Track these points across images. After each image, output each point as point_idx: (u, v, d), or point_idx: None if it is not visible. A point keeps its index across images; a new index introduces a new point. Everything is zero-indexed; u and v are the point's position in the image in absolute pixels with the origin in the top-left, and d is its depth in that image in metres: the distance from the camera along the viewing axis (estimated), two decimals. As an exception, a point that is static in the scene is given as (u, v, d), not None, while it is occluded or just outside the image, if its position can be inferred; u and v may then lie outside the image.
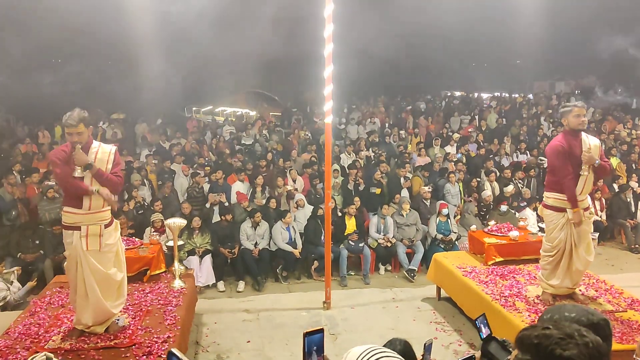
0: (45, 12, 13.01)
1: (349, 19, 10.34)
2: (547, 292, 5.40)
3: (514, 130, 14.67)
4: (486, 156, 11.76)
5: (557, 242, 5.19)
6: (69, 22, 12.92)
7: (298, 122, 16.37)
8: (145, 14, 13.63)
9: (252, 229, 8.17)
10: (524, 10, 15.05)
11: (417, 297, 6.96)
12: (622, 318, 5.01)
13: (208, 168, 10.49)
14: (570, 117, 5.06)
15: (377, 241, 8.43)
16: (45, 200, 8.46)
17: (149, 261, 6.08)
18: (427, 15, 15.68)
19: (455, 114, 17.21)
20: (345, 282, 8.00)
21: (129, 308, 5.22)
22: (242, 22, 17.12)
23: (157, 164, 11.07)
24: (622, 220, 9.64)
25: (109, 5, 13.73)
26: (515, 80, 24.53)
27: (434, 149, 12.58)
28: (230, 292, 7.71)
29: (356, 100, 20.25)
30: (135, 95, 17.06)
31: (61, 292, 5.70)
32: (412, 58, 21.47)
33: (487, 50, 22.67)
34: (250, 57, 18.78)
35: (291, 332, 5.86)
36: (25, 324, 4.93)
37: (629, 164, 11.46)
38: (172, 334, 4.69)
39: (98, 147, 4.53)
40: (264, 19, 15.78)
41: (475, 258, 6.74)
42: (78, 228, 4.41)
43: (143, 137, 14.18)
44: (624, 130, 13.95)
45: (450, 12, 15.68)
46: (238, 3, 15.76)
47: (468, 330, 5.85)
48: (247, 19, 16.89)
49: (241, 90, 22.61)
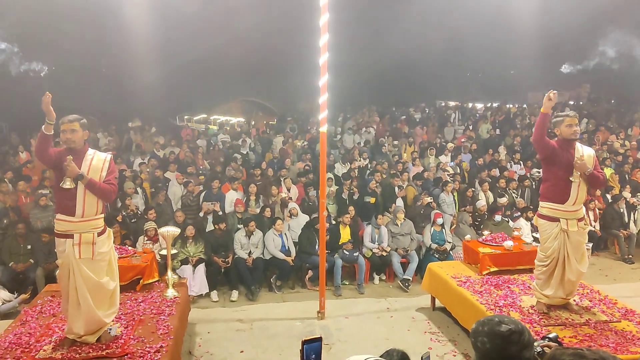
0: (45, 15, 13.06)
1: (344, 29, 10.39)
2: (542, 302, 5.40)
3: (508, 140, 14.74)
4: (482, 166, 11.80)
5: (551, 251, 5.21)
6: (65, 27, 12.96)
7: (292, 131, 16.38)
8: (137, 21, 13.68)
9: (246, 238, 8.13)
10: (518, 21, 15.19)
11: (412, 307, 6.94)
12: (616, 328, 5.02)
13: (202, 177, 10.47)
14: (563, 127, 5.10)
15: (371, 250, 8.41)
16: (38, 208, 8.41)
17: (142, 270, 6.04)
18: (423, 26, 15.81)
19: (449, 124, 17.29)
20: (339, 291, 7.96)
21: (122, 317, 5.17)
22: (237, 31, 17.20)
23: (150, 172, 11.04)
24: (616, 230, 9.66)
25: (105, 12, 13.77)
26: (510, 90, 24.66)
27: (429, 159, 12.62)
28: (224, 302, 7.66)
29: (350, 109, 20.31)
30: (127, 103, 17.09)
31: (53, 301, 5.65)
32: (406, 68, 21.60)
33: (482, 61, 22.83)
34: (245, 65, 18.84)
35: (285, 342, 5.82)
36: (16, 333, 4.87)
37: (622, 174, 11.52)
38: (164, 344, 4.65)
39: (93, 154, 4.53)
40: (259, 28, 15.86)
41: (470, 268, 6.74)
42: (71, 236, 4.38)
43: (137, 146, 14.14)
44: (617, 141, 14.02)
45: (445, 23, 15.82)
46: (232, 12, 15.83)
47: (462, 340, 5.83)
48: (243, 27, 16.96)
49: (235, 99, 22.68)
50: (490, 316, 2.25)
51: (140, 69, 17.41)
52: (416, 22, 16.30)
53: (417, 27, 16.59)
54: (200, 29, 16.18)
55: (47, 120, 4.23)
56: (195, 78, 20.23)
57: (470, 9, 16.47)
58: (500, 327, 2.14)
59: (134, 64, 17.26)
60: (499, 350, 2.12)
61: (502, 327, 2.14)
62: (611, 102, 21.47)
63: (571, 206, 5.11)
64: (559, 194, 5.13)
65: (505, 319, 2.19)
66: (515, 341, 2.11)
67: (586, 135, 14.17)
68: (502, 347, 2.12)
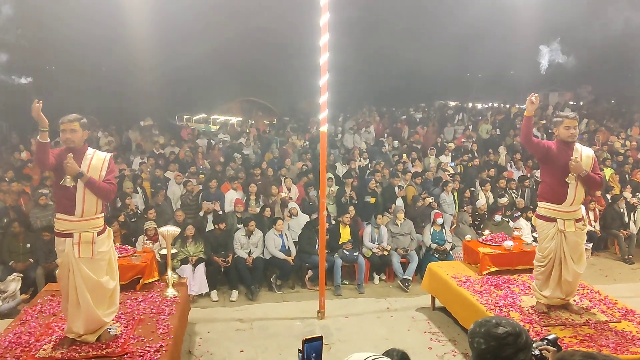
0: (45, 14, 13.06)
1: (344, 29, 10.39)
2: (541, 302, 5.40)
3: (508, 141, 14.73)
4: (481, 167, 11.79)
5: (547, 252, 5.21)
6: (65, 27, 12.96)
7: (293, 131, 16.37)
8: (138, 21, 13.69)
9: (246, 238, 8.13)
10: (518, 21, 15.19)
11: (412, 306, 6.93)
12: (616, 328, 5.01)
13: (202, 176, 10.47)
14: (561, 128, 5.09)
15: (371, 250, 8.41)
16: (37, 208, 8.41)
17: (142, 269, 6.04)
18: (423, 25, 15.82)
19: (449, 124, 17.29)
20: (339, 291, 7.96)
21: (121, 317, 5.17)
22: (236, 31, 17.21)
23: (151, 171, 11.03)
24: (616, 230, 9.66)
25: (104, 13, 13.79)
26: (510, 90, 24.66)
27: (429, 159, 12.61)
28: (224, 302, 7.65)
29: (350, 109, 20.30)
30: (126, 102, 17.10)
31: (52, 300, 5.65)
32: (406, 67, 21.60)
33: (482, 61, 22.81)
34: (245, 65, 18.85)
35: (285, 342, 5.82)
36: (16, 332, 4.87)
37: (622, 174, 11.51)
38: (164, 343, 4.65)
39: (93, 153, 4.52)
40: (258, 27, 15.86)
41: (470, 268, 6.73)
42: (70, 235, 4.38)
43: (137, 145, 14.14)
44: (617, 141, 14.01)
45: (444, 22, 15.81)
46: (231, 12, 15.85)
47: (462, 340, 5.82)
48: (241, 27, 16.97)
49: (235, 99, 22.68)
50: (489, 317, 2.25)
51: (140, 68, 17.44)
52: (417, 22, 16.32)
53: (418, 27, 16.61)
54: (200, 29, 16.20)
55: (41, 128, 4.14)
56: (195, 78, 20.26)
57: (471, 9, 16.47)
58: (496, 329, 2.15)
59: (134, 63, 17.28)
60: (494, 351, 2.13)
61: (498, 329, 2.14)
62: (611, 102, 21.46)
63: (569, 206, 5.10)
64: (556, 194, 5.13)
65: (503, 321, 2.19)
66: (510, 343, 2.12)
67: (586, 135, 14.17)
68: (497, 349, 2.12)
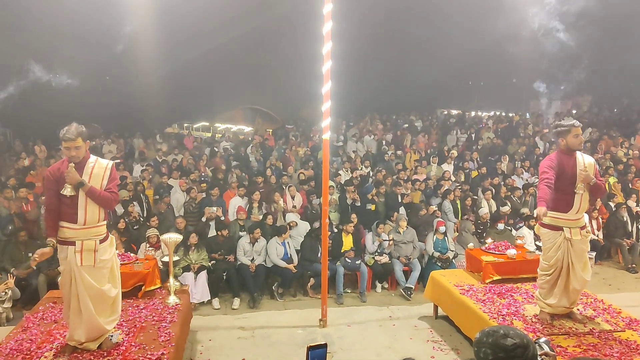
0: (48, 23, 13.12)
1: (347, 37, 10.43)
2: (545, 311, 5.37)
3: (510, 149, 14.73)
4: (484, 175, 11.78)
5: (554, 261, 5.19)
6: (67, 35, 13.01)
7: (295, 139, 16.41)
8: (140, 31, 13.75)
9: (250, 245, 8.12)
10: (519, 29, 15.21)
11: (414, 315, 6.90)
12: (620, 338, 4.99)
13: (204, 185, 10.49)
14: (570, 137, 5.09)
15: (373, 258, 8.39)
16: (42, 215, 8.40)
17: (144, 277, 6.03)
18: (425, 34, 15.86)
19: (451, 132, 17.31)
20: (341, 299, 7.93)
21: (123, 324, 5.16)
22: (239, 38, 17.29)
23: (152, 179, 11.05)
24: (619, 239, 9.63)
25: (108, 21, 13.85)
26: (512, 99, 24.71)
27: (431, 166, 12.62)
28: (225, 309, 7.63)
29: (353, 117, 20.35)
30: (130, 110, 17.14)
31: (54, 307, 5.64)
32: (409, 75, 21.67)
33: (484, 69, 22.89)
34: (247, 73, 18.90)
35: (287, 350, 5.80)
36: (18, 339, 4.86)
37: (625, 183, 11.48)
38: (166, 351, 4.63)
39: (95, 161, 4.50)
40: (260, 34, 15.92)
41: (473, 276, 6.71)
42: (73, 243, 4.37)
43: (140, 152, 14.18)
44: (620, 149, 14.00)
45: (448, 30, 15.86)
46: (233, 18, 15.92)
47: (465, 349, 5.80)
48: (244, 34, 17.04)
49: (237, 106, 22.72)
50: (496, 327, 2.22)
51: (142, 76, 17.50)
52: (419, 31, 16.38)
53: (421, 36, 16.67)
54: (203, 37, 16.27)
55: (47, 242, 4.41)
56: (197, 86, 20.33)
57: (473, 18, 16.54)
58: (505, 341, 2.12)
59: (137, 72, 17.34)
60: None
61: (507, 341, 2.12)
62: (614, 111, 21.47)
63: (574, 215, 5.12)
64: (562, 203, 5.13)
65: (511, 332, 2.17)
66: (519, 355, 2.10)
67: (589, 144, 14.17)
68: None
